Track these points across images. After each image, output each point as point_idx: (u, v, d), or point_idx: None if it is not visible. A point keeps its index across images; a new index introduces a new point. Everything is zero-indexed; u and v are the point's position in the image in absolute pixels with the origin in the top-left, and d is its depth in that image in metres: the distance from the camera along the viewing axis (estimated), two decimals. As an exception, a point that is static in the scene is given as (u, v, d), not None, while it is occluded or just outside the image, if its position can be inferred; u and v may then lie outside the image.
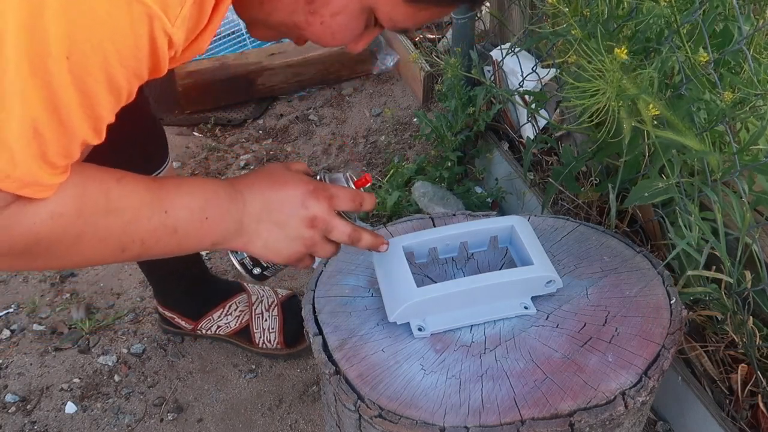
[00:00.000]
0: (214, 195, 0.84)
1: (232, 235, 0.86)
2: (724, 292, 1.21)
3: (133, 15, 0.65)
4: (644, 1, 1.15)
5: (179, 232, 0.81)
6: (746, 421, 1.23)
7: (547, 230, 1.11)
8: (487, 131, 1.89)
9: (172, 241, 0.82)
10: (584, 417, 0.84)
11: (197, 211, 0.82)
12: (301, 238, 0.88)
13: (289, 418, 1.48)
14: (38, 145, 0.65)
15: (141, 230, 0.79)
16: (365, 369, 0.91)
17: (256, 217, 0.87)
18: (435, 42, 2.44)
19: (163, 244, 0.81)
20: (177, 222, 0.81)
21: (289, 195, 0.87)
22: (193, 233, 0.83)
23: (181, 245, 0.83)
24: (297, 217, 0.87)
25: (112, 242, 0.78)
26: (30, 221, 0.71)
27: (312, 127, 2.28)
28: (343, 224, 0.90)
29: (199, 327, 1.58)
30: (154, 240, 0.80)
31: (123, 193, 0.77)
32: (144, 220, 0.78)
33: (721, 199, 1.10)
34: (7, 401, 1.53)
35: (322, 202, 0.88)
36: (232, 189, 0.86)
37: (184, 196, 0.82)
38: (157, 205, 0.79)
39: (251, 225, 0.87)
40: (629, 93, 1.05)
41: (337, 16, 0.80)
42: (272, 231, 0.87)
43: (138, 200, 0.78)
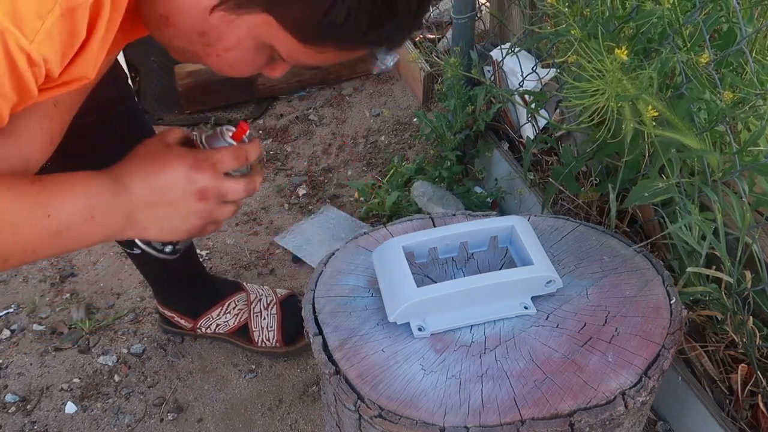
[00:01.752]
0: (97, 192, 0.83)
1: (123, 227, 0.86)
2: (724, 292, 1.21)
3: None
4: (645, 2, 1.15)
5: (64, 234, 0.81)
6: (746, 421, 1.23)
7: (547, 230, 1.11)
8: (487, 131, 1.89)
9: (59, 243, 0.81)
10: (584, 417, 0.84)
11: (81, 211, 0.82)
12: (195, 213, 0.89)
13: (289, 418, 1.48)
14: None
15: (26, 238, 0.78)
16: (365, 369, 0.91)
17: (145, 205, 0.86)
18: (435, 42, 2.44)
19: (48, 247, 0.81)
20: (61, 225, 0.80)
21: (172, 175, 0.86)
22: (80, 233, 0.83)
23: (67, 246, 0.83)
24: (186, 194, 0.87)
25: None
26: None
27: (312, 127, 2.28)
28: (234, 183, 0.90)
29: (198, 325, 1.58)
30: (39, 244, 0.80)
31: (5, 205, 0.77)
32: (27, 227, 0.78)
33: (721, 199, 1.10)
34: (7, 401, 1.53)
35: (207, 171, 0.88)
36: (114, 181, 0.85)
37: (65, 198, 0.81)
38: (39, 209, 0.79)
39: (141, 214, 0.86)
40: (629, 93, 1.05)
41: (231, 51, 0.80)
42: (165, 213, 0.87)
43: (18, 207, 0.77)
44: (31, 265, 1.85)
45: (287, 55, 0.81)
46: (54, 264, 1.85)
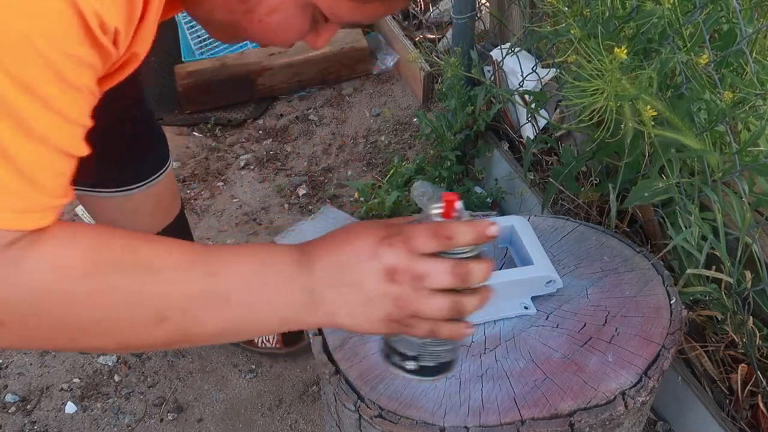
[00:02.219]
0: (273, 259, 0.69)
1: (306, 306, 0.70)
2: (724, 292, 1.21)
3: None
4: (645, 2, 1.15)
5: (232, 301, 0.66)
6: (746, 421, 1.23)
7: (547, 230, 1.11)
8: (487, 131, 1.89)
9: (225, 314, 0.66)
10: (584, 417, 0.84)
11: (251, 277, 0.67)
12: (386, 297, 0.69)
13: (289, 418, 1.48)
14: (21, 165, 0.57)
15: (181, 295, 0.64)
16: (365, 369, 0.91)
17: (329, 281, 0.70)
18: (435, 42, 2.44)
19: (212, 317, 0.66)
20: (228, 288, 0.66)
21: (359, 247, 0.70)
22: (249, 304, 0.67)
23: (237, 321, 0.67)
24: (371, 271, 0.69)
25: (144, 309, 0.63)
26: (30, 273, 0.59)
27: (312, 127, 2.28)
28: (436, 266, 0.69)
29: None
30: (199, 309, 0.65)
31: (156, 249, 0.65)
32: (183, 282, 0.65)
33: (721, 199, 1.10)
34: (7, 401, 1.53)
35: (398, 248, 0.69)
36: (300, 253, 0.71)
37: (235, 259, 0.68)
38: (200, 267, 0.66)
39: (326, 291, 0.70)
40: (628, 93, 1.05)
41: (273, 14, 0.73)
42: (350, 294, 0.70)
43: (177, 258, 0.65)
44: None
45: (330, 12, 0.73)
46: (54, 264, 1.85)
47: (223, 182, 2.09)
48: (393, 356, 0.76)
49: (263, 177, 2.10)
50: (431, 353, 0.74)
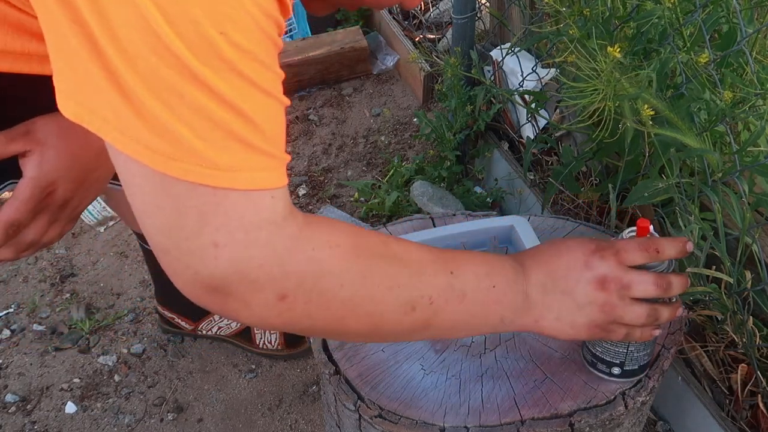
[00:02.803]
0: (498, 263, 0.77)
1: (520, 309, 0.77)
2: (724, 292, 1.21)
3: None
4: (645, 2, 1.15)
5: (468, 297, 0.73)
6: (746, 421, 1.23)
7: (547, 230, 1.11)
8: (487, 131, 1.89)
9: (461, 308, 0.72)
10: (584, 417, 0.84)
11: (483, 277, 0.74)
12: (593, 304, 0.77)
13: (289, 418, 1.48)
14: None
15: (429, 286, 0.70)
16: (365, 369, 0.91)
17: (542, 289, 0.77)
18: (435, 42, 2.44)
19: (451, 310, 0.72)
20: (465, 285, 0.72)
21: (571, 259, 0.78)
22: (481, 302, 0.74)
23: (469, 316, 0.74)
24: (583, 280, 0.77)
25: (401, 295, 0.68)
26: (312, 249, 0.62)
27: (312, 127, 2.28)
28: (642, 276, 0.78)
29: (199, 327, 1.58)
30: (443, 301, 0.71)
31: (401, 245, 0.71)
32: (430, 275, 0.70)
33: (721, 199, 1.10)
34: (7, 401, 1.53)
35: (609, 259, 0.78)
36: (515, 261, 0.79)
37: (468, 260, 0.74)
38: (441, 264, 0.72)
39: (538, 297, 0.77)
40: (627, 93, 1.05)
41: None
42: (561, 301, 0.78)
43: (420, 254, 0.71)
44: (31, 265, 1.85)
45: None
46: (54, 264, 1.85)
47: (223, 182, 2.09)
48: (599, 365, 0.87)
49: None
50: (634, 358, 0.86)
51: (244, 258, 0.60)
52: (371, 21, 2.62)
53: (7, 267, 1.85)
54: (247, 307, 0.62)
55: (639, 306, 0.78)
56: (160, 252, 0.61)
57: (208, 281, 0.60)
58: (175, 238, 0.59)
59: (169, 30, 0.54)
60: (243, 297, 0.61)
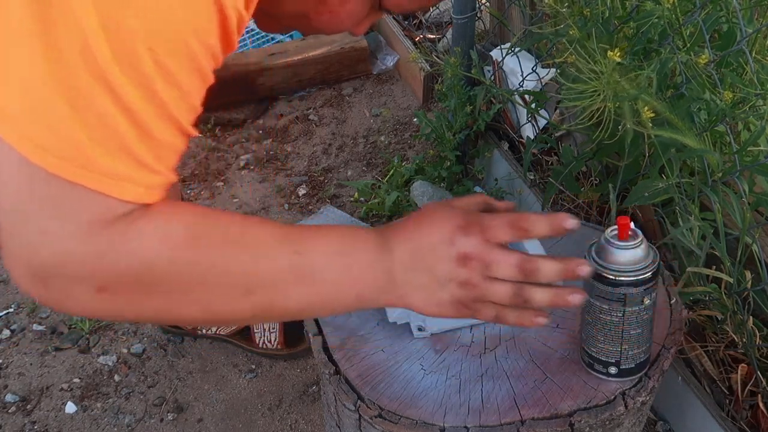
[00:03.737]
0: (355, 240, 0.74)
1: (383, 288, 0.74)
2: (724, 292, 1.21)
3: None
4: (645, 2, 1.15)
5: (317, 279, 0.70)
6: (746, 421, 1.23)
7: (547, 230, 1.11)
8: (487, 131, 1.89)
9: (309, 290, 0.70)
10: (584, 417, 0.84)
11: (336, 256, 0.71)
12: (454, 281, 0.74)
13: (289, 418, 1.48)
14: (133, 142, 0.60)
15: (268, 269, 0.68)
16: (365, 369, 0.91)
17: (406, 266, 0.74)
18: (435, 42, 2.44)
19: (298, 293, 0.70)
20: (314, 266, 0.70)
21: (437, 234, 0.75)
22: (334, 282, 0.71)
23: (321, 296, 0.71)
24: (446, 257, 0.74)
25: (235, 281, 0.67)
26: (138, 242, 0.63)
27: (312, 127, 2.28)
28: (504, 256, 0.73)
29: (199, 326, 1.58)
30: (285, 285, 0.69)
31: (244, 228, 0.69)
32: (271, 258, 0.69)
33: (721, 199, 1.10)
34: (7, 401, 1.53)
35: (474, 236, 0.74)
36: (380, 237, 0.75)
37: (321, 240, 0.72)
38: (286, 245, 0.70)
39: (401, 275, 0.74)
40: (627, 94, 1.05)
41: (346, 4, 0.76)
42: (424, 278, 0.75)
43: (265, 237, 0.69)
44: (31, 265, 1.85)
45: (394, 2, 0.77)
46: (54, 264, 1.85)
47: (223, 182, 2.09)
48: (596, 365, 0.88)
49: (263, 177, 2.10)
50: (630, 357, 0.86)
51: (65, 250, 0.61)
52: (371, 21, 2.61)
53: (7, 267, 1.85)
54: (67, 298, 0.63)
55: (501, 285, 0.74)
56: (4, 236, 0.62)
57: (32, 269, 0.62)
58: (16, 221, 0.61)
59: (101, 33, 0.56)
60: (62, 288, 0.63)
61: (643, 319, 0.84)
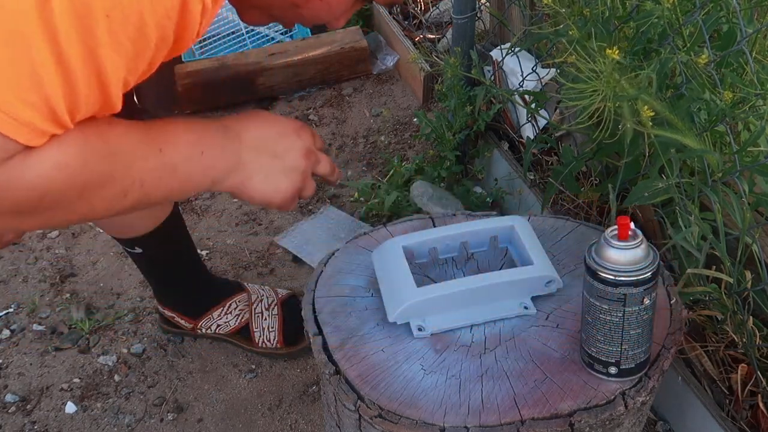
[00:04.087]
0: (206, 130, 0.83)
1: (232, 170, 0.84)
2: (724, 292, 1.21)
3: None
4: (645, 2, 1.15)
5: (179, 169, 0.79)
6: (746, 421, 1.23)
7: (547, 230, 1.11)
8: (487, 131, 1.89)
9: (172, 180, 0.79)
10: (584, 417, 0.84)
11: (192, 146, 0.81)
12: (297, 170, 0.88)
13: (289, 418, 1.48)
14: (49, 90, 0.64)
15: (139, 171, 0.76)
16: (365, 369, 0.91)
17: (254, 150, 0.85)
18: (435, 42, 2.44)
19: (164, 185, 0.79)
20: (175, 158, 0.79)
21: (283, 128, 0.88)
22: (192, 170, 0.81)
23: (182, 185, 0.81)
24: (294, 147, 0.88)
25: (115, 187, 0.75)
26: (34, 174, 0.68)
27: (312, 127, 2.28)
28: (326, 157, 0.93)
29: (199, 326, 1.58)
30: (154, 180, 0.78)
31: (118, 136, 0.75)
32: (141, 160, 0.76)
33: (721, 199, 1.10)
34: (7, 401, 1.53)
35: (310, 137, 0.91)
36: (223, 125, 0.85)
37: (176, 134, 0.80)
38: (151, 144, 0.77)
39: (250, 158, 0.85)
40: (627, 94, 1.05)
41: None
42: (271, 163, 0.86)
43: (133, 140, 0.76)
44: (31, 265, 1.85)
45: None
46: (54, 264, 1.85)
47: (223, 182, 2.09)
48: (596, 365, 0.89)
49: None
50: (629, 356, 0.87)
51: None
52: (371, 21, 2.62)
53: (7, 267, 1.85)
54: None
55: (313, 183, 0.93)
56: None
57: None
58: None
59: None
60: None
61: (643, 319, 0.84)
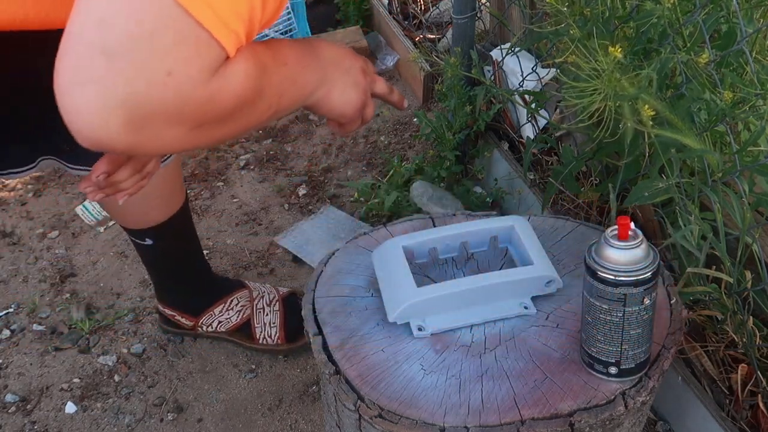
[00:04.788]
0: (299, 47, 0.86)
1: (320, 84, 0.88)
2: (724, 292, 1.21)
3: None
4: (645, 2, 1.15)
5: (297, 82, 0.83)
6: (746, 421, 1.23)
7: (547, 230, 1.11)
8: (487, 131, 1.89)
9: (293, 92, 0.83)
10: (584, 417, 0.84)
11: (297, 61, 0.84)
12: (359, 85, 0.93)
13: (289, 418, 1.48)
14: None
15: (278, 83, 0.79)
16: (365, 369, 0.91)
17: (332, 65, 0.90)
18: (435, 42, 2.44)
19: (288, 95, 0.82)
20: (293, 72, 0.82)
21: (343, 48, 0.94)
22: (302, 82, 0.85)
23: (296, 97, 0.84)
24: (355, 66, 0.93)
25: (268, 97, 0.77)
26: (236, 82, 0.69)
27: (312, 127, 2.28)
28: (381, 78, 0.98)
29: (200, 323, 1.58)
30: (285, 91, 0.81)
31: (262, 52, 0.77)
32: (275, 73, 0.78)
33: (721, 199, 1.10)
34: (7, 401, 1.53)
35: (364, 60, 0.97)
36: (305, 43, 0.89)
37: (287, 50, 0.83)
38: (279, 59, 0.80)
39: (331, 72, 0.89)
40: (627, 93, 1.05)
41: None
42: (344, 77, 0.91)
43: (269, 55, 0.77)
44: (31, 265, 1.85)
45: None
46: (54, 264, 1.85)
47: (223, 182, 2.09)
48: (596, 365, 0.88)
49: (263, 177, 2.10)
50: (630, 356, 0.87)
51: (187, 94, 0.64)
52: (371, 21, 2.61)
53: (7, 267, 1.85)
54: (156, 139, 0.66)
55: (372, 106, 0.97)
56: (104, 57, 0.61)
57: (136, 111, 0.62)
58: (138, 48, 0.61)
59: None
60: (158, 130, 0.65)
61: (643, 319, 0.84)
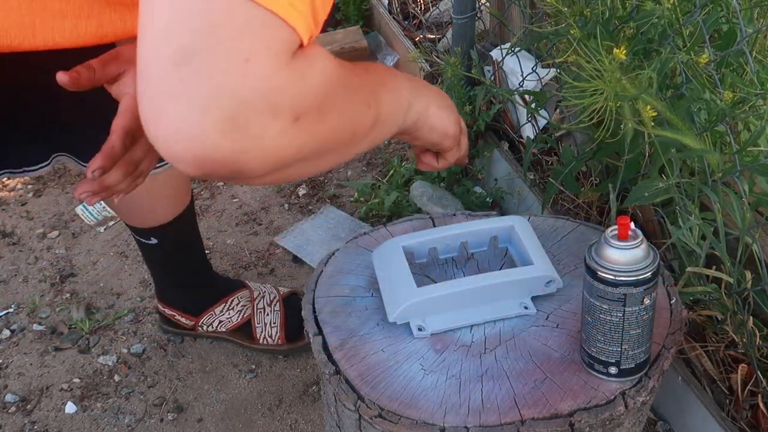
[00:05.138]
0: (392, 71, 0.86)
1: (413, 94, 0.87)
2: (724, 292, 1.21)
3: None
4: (645, 2, 1.15)
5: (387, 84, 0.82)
6: (746, 421, 1.23)
7: (547, 230, 1.11)
8: (487, 131, 1.89)
9: (387, 95, 0.81)
10: (584, 417, 0.84)
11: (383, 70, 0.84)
12: (453, 107, 0.95)
13: (289, 418, 1.48)
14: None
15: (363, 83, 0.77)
16: (365, 369, 0.91)
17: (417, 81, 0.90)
18: (435, 42, 2.44)
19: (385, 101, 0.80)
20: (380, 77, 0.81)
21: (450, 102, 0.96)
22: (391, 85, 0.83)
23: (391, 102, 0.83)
24: (452, 114, 0.94)
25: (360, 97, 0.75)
26: (318, 63, 0.65)
27: (312, 127, 2.28)
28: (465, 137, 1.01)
29: (200, 323, 1.58)
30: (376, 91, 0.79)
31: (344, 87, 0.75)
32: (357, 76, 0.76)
33: (721, 199, 1.10)
34: (7, 401, 1.53)
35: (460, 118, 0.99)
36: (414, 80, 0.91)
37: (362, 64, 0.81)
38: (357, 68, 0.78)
39: (416, 84, 0.89)
40: (628, 93, 1.05)
41: None
42: (433, 95, 0.92)
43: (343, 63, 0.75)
44: (31, 265, 1.85)
45: None
46: (54, 264, 1.85)
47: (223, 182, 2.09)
48: (596, 365, 0.89)
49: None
50: (630, 356, 0.87)
51: (269, 80, 0.60)
52: (371, 21, 2.61)
53: (7, 267, 1.85)
54: (265, 136, 0.61)
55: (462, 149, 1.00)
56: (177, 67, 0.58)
57: (232, 107, 0.59)
58: (207, 44, 0.58)
59: None
60: (262, 124, 0.60)
61: (643, 319, 0.84)
